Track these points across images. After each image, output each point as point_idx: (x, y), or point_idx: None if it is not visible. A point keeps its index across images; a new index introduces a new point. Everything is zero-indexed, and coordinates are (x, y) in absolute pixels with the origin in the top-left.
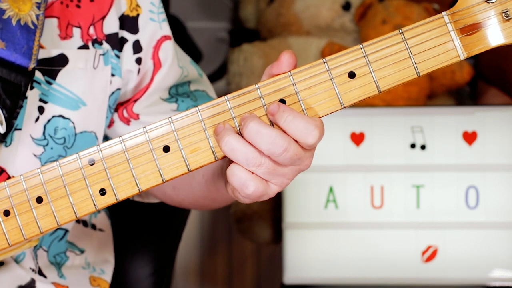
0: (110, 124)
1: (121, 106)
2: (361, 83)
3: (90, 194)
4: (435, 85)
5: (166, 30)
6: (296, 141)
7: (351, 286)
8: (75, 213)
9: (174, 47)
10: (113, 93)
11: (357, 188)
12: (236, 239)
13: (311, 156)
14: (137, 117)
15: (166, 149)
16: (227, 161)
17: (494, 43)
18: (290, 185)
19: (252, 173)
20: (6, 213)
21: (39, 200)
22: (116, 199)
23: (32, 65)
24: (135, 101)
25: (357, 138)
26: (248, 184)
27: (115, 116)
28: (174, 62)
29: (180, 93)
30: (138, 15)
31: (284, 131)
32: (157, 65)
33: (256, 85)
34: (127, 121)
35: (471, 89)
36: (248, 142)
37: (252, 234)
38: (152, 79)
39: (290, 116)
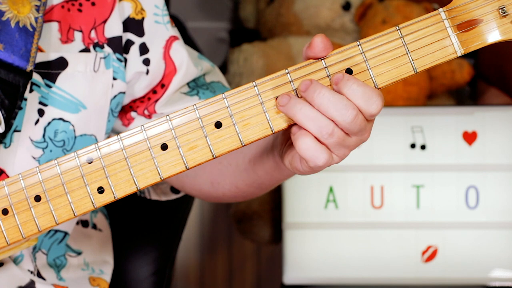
0: (129, 122)
1: (140, 105)
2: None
3: (88, 192)
4: (435, 85)
5: (173, 31)
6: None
7: (351, 286)
8: (73, 211)
9: (185, 47)
10: (115, 96)
11: (357, 188)
12: (236, 239)
13: (371, 128)
14: (160, 114)
15: (164, 147)
16: (280, 136)
17: (491, 40)
18: (290, 185)
19: (321, 143)
20: (5, 211)
21: (37, 198)
22: (114, 198)
23: (30, 67)
24: (156, 101)
25: None
26: (318, 156)
27: (134, 114)
28: (190, 63)
29: (199, 85)
30: (143, 18)
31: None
32: (171, 67)
33: (254, 83)
34: (149, 117)
35: (471, 89)
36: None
37: (252, 234)
38: (169, 81)
39: (355, 84)
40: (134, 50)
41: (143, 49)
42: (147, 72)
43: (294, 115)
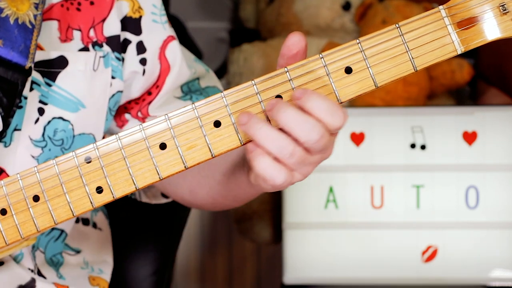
0: (123, 123)
1: (135, 107)
2: (358, 78)
3: (87, 192)
4: (435, 85)
5: (170, 30)
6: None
7: (351, 286)
8: (72, 211)
9: (180, 47)
10: (113, 95)
11: (357, 188)
12: (236, 239)
13: (333, 143)
14: (154, 117)
15: (163, 146)
16: (249, 151)
17: (491, 37)
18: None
19: (280, 162)
20: (3, 212)
21: (36, 198)
22: (113, 197)
23: (29, 63)
24: (149, 103)
25: (357, 138)
26: (277, 176)
27: (128, 116)
28: (183, 63)
29: (192, 90)
30: (140, 17)
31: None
32: (166, 67)
33: (253, 81)
34: (142, 119)
35: (471, 89)
36: (279, 130)
37: (252, 234)
38: (163, 81)
39: (318, 99)
40: (131, 49)
41: (140, 48)
42: (143, 72)
43: (253, 134)
